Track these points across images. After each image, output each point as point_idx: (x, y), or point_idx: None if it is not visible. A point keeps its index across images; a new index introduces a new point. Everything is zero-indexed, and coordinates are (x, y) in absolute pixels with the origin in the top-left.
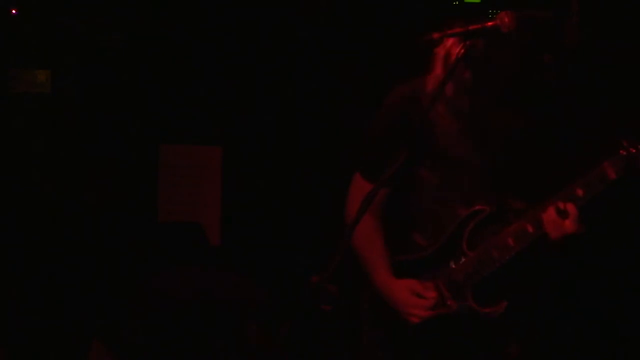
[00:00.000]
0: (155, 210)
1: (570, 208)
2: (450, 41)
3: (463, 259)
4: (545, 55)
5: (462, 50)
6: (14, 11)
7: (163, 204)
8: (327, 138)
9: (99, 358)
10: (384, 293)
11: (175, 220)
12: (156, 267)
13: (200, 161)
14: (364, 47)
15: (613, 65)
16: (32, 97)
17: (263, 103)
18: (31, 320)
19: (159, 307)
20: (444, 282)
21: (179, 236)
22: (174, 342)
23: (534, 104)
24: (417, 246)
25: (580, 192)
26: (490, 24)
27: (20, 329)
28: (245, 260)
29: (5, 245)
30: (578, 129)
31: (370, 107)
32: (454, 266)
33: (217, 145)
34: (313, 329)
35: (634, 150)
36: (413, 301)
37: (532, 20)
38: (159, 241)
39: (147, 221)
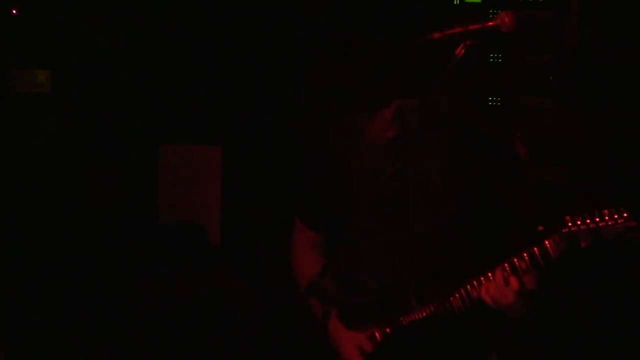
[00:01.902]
0: (155, 210)
1: (513, 280)
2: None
3: (412, 312)
4: (545, 55)
5: (463, 51)
6: (14, 11)
7: (163, 204)
8: None
9: None
10: (332, 339)
11: (175, 221)
12: (156, 267)
13: (200, 161)
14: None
15: (613, 65)
16: (32, 97)
17: (263, 103)
18: (31, 320)
19: (159, 307)
20: (391, 330)
21: (180, 236)
22: (174, 342)
23: (479, 169)
24: (366, 288)
25: (522, 264)
26: (490, 24)
27: (20, 329)
28: (245, 261)
29: (5, 245)
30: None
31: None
32: (402, 319)
33: (217, 145)
34: (313, 329)
35: (575, 229)
36: (357, 358)
37: (533, 20)
38: (159, 241)
39: (147, 221)
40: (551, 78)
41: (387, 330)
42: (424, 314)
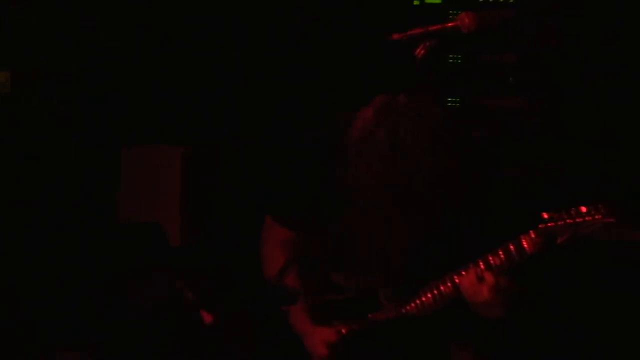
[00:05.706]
0: (114, 212)
1: (488, 276)
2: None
3: (381, 311)
4: (506, 54)
5: (423, 51)
6: None
7: (123, 205)
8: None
9: None
10: (301, 333)
11: (135, 222)
12: (115, 269)
13: (161, 162)
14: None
15: (580, 65)
16: None
17: (227, 103)
18: None
19: (121, 309)
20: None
21: (139, 237)
22: (147, 344)
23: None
24: (338, 287)
25: (497, 261)
26: (450, 24)
27: None
28: (206, 262)
29: None
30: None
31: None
32: (370, 316)
33: (179, 146)
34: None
35: (551, 225)
36: (325, 353)
37: (493, 20)
38: (117, 242)
39: (107, 222)
40: (511, 78)
41: (354, 327)
42: (394, 313)
